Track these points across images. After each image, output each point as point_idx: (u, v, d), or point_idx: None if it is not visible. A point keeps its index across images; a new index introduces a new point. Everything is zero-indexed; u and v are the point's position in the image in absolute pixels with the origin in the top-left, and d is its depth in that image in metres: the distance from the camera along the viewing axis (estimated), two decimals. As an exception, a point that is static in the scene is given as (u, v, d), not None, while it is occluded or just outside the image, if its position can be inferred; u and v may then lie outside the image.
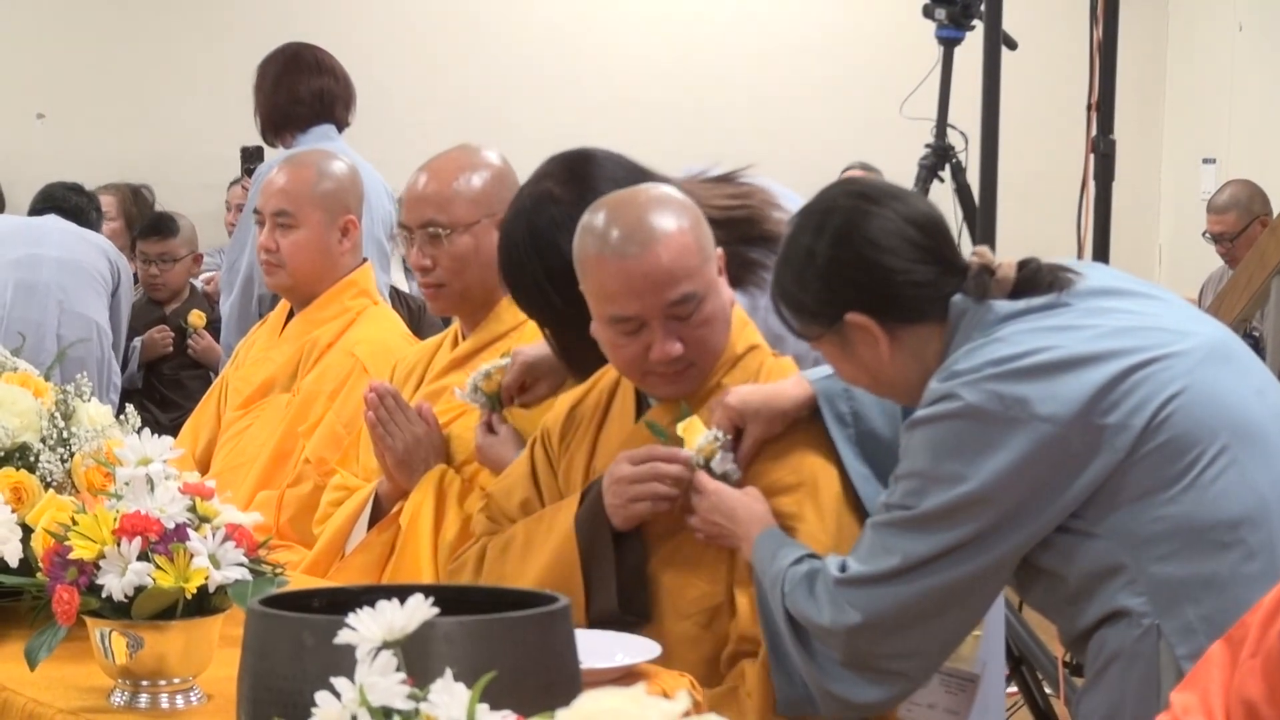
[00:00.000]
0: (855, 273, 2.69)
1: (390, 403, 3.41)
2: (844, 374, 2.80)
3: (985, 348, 2.64)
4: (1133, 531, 2.57)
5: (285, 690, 1.68)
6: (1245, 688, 1.96)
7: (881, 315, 2.69)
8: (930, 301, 2.70)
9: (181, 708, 2.32)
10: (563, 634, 1.78)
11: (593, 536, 2.86)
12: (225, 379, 4.21)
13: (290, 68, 5.68)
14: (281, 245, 3.98)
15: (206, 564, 2.28)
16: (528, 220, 3.12)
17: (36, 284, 6.36)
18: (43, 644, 2.36)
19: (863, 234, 2.70)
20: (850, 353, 2.73)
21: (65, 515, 2.41)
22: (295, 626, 1.73)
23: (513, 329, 3.54)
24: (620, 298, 2.82)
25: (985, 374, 2.60)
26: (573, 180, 3.14)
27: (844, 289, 2.70)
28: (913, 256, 2.70)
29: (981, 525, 2.59)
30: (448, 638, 1.62)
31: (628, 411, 3.02)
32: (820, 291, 2.71)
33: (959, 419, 2.60)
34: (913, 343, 2.71)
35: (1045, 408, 2.57)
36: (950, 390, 2.61)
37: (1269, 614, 1.98)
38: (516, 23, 8.89)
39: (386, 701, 1.40)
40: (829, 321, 2.71)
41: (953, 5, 5.39)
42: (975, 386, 2.59)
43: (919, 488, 2.62)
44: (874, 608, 2.63)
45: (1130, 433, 2.56)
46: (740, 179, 3.34)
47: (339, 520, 3.52)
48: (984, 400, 2.58)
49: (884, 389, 2.80)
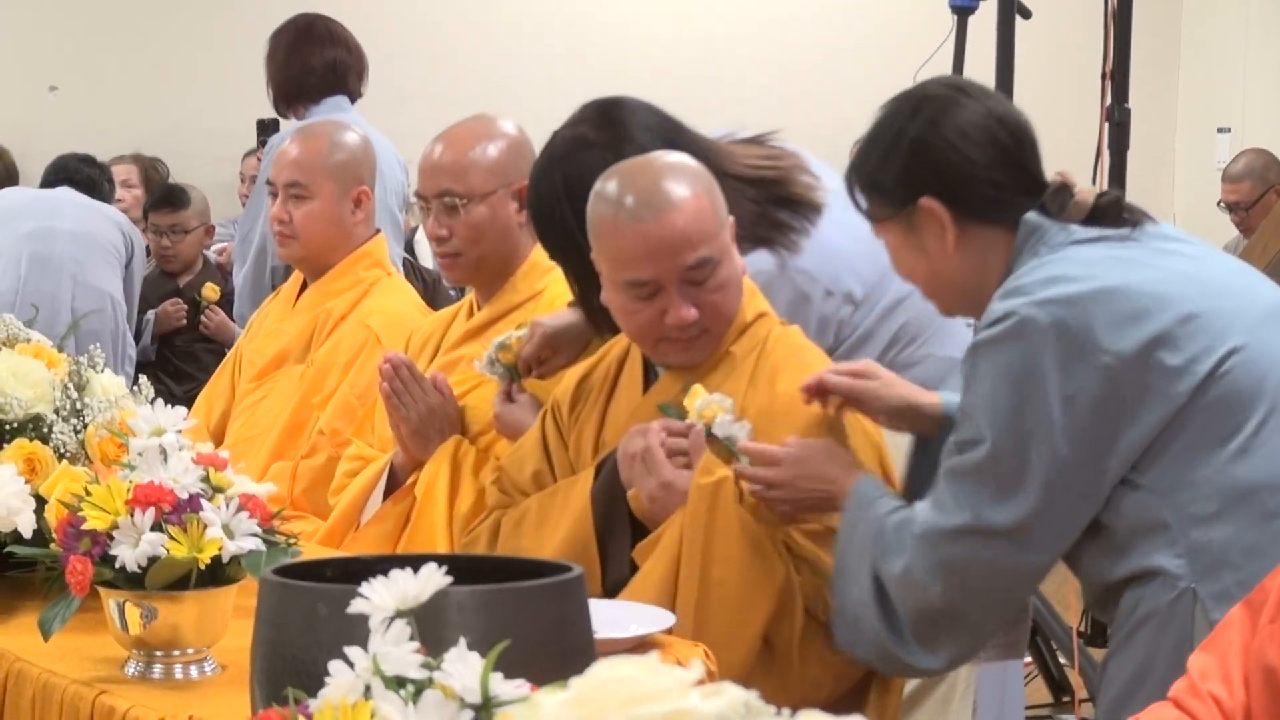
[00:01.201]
0: (939, 157, 2.70)
1: (405, 374, 3.41)
2: (901, 264, 2.80)
3: (1052, 265, 2.63)
4: (1178, 486, 2.54)
5: (299, 660, 1.68)
6: (1265, 653, 1.96)
7: (955, 205, 2.69)
8: (1005, 206, 2.70)
9: (195, 678, 2.32)
10: (577, 603, 1.78)
11: (609, 510, 2.87)
12: (239, 351, 4.22)
13: (302, 39, 5.67)
14: (294, 216, 3.98)
15: (220, 534, 2.28)
16: (561, 165, 3.12)
17: (50, 257, 6.37)
18: (56, 615, 2.36)
19: (954, 121, 2.71)
20: (915, 240, 2.74)
21: (79, 486, 2.41)
22: (309, 596, 1.73)
23: (529, 299, 3.55)
24: (637, 262, 2.83)
25: (1051, 294, 2.58)
26: (607, 125, 3.15)
27: (924, 172, 2.71)
28: (997, 156, 2.71)
29: (1048, 468, 2.56)
30: (461, 607, 1.62)
31: (635, 383, 3.02)
32: (901, 172, 2.72)
33: (1021, 341, 2.57)
34: (979, 243, 2.71)
35: (1108, 339, 2.54)
36: (1013, 309, 2.59)
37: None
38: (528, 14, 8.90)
39: (400, 671, 1.39)
40: (902, 203, 2.72)
41: (967, -26, 5.38)
42: (1041, 307, 2.57)
43: (987, 421, 2.59)
44: (944, 566, 2.61)
45: (1192, 379, 2.54)
46: (770, 142, 3.34)
47: (354, 491, 3.53)
48: (1048, 322, 2.56)
49: (938, 286, 2.79)
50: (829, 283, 3.29)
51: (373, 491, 3.51)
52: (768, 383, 2.88)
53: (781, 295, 3.18)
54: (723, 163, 3.21)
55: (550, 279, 3.58)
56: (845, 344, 3.28)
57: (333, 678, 1.41)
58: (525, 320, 3.45)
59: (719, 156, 3.22)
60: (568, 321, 3.29)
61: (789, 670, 2.76)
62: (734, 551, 2.74)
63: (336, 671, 1.41)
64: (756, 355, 2.92)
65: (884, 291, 3.33)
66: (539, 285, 3.57)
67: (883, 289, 3.32)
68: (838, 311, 3.29)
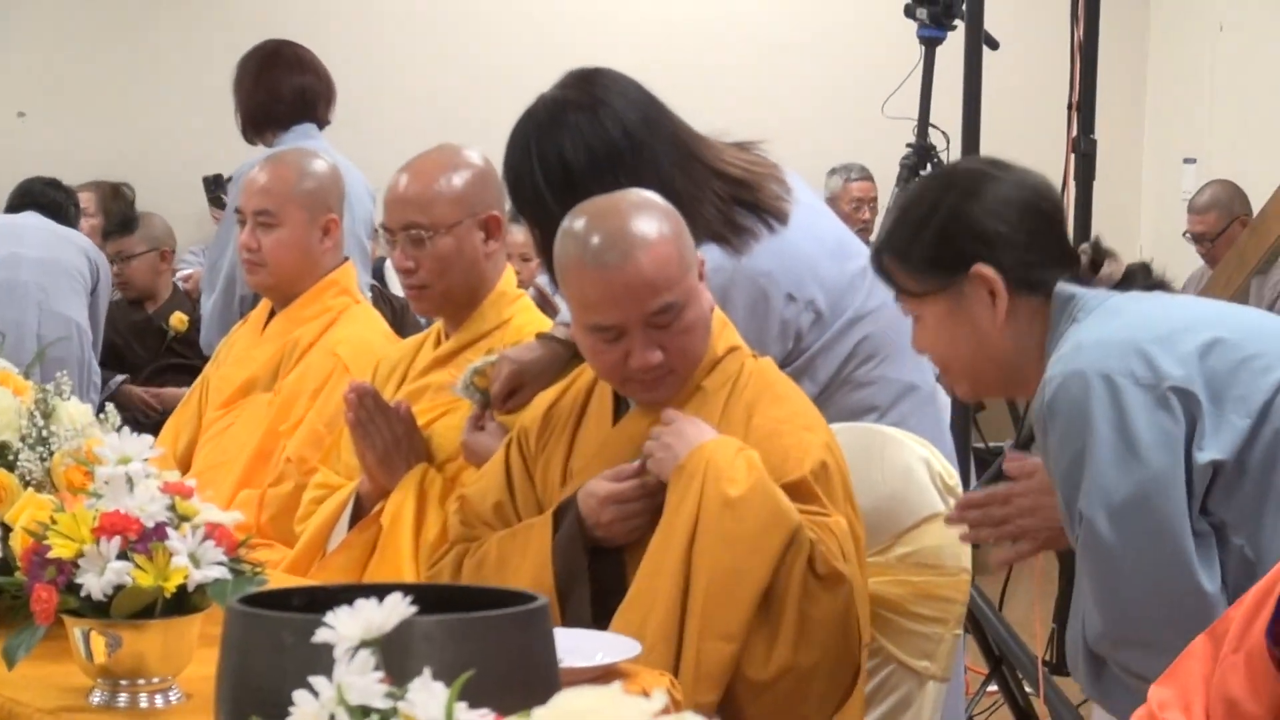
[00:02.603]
0: (985, 226, 2.67)
1: (370, 403, 3.41)
2: (939, 344, 2.75)
3: (1099, 320, 2.62)
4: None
5: (264, 689, 1.68)
6: (1227, 684, 1.96)
7: (1004, 273, 2.66)
8: (1047, 275, 2.68)
9: (161, 707, 2.32)
10: (541, 633, 1.78)
11: (569, 563, 2.86)
12: (206, 378, 4.21)
13: (270, 65, 5.66)
14: (263, 244, 3.98)
15: (186, 563, 2.28)
16: (537, 127, 3.14)
17: (16, 283, 6.36)
18: (21, 643, 2.35)
19: (993, 192, 2.70)
20: (962, 313, 2.68)
21: (44, 514, 2.41)
22: (274, 625, 1.73)
23: (496, 327, 3.56)
24: (600, 307, 2.81)
25: (1113, 342, 2.57)
26: (582, 85, 3.18)
27: (972, 240, 2.67)
28: (1039, 225, 2.70)
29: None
30: (426, 636, 1.62)
31: (605, 412, 3.01)
32: (947, 242, 2.68)
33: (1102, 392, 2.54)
34: (1024, 313, 2.68)
35: (1176, 371, 2.53)
36: (1076, 369, 2.56)
37: (1252, 609, 1.99)
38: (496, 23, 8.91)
39: (364, 700, 1.40)
40: (954, 272, 2.67)
41: (934, 5, 5.40)
42: (1105, 361, 2.55)
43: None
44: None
45: (1250, 409, 2.53)
46: (755, 150, 3.35)
47: (320, 519, 3.53)
48: (1117, 371, 2.54)
49: (982, 362, 2.73)
50: (792, 287, 3.28)
51: (339, 519, 3.50)
52: (743, 419, 2.87)
53: (740, 295, 3.18)
54: (700, 151, 3.23)
55: (517, 308, 3.59)
56: (804, 355, 3.29)
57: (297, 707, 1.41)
58: (493, 347, 3.46)
59: (697, 143, 3.24)
60: (534, 356, 3.29)
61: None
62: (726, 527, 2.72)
63: (301, 701, 1.41)
64: (729, 390, 2.91)
65: (847, 304, 3.33)
66: (506, 314, 3.57)
67: (846, 302, 3.33)
68: (798, 318, 3.29)
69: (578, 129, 3.09)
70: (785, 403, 2.91)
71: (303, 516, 3.61)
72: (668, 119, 3.22)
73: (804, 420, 2.91)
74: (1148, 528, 2.51)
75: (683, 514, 2.73)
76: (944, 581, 3.02)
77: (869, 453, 3.08)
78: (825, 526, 2.76)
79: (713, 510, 2.71)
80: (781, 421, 2.86)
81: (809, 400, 3.00)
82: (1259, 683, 1.93)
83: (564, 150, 3.09)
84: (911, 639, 3.02)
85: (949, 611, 3.01)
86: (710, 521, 2.71)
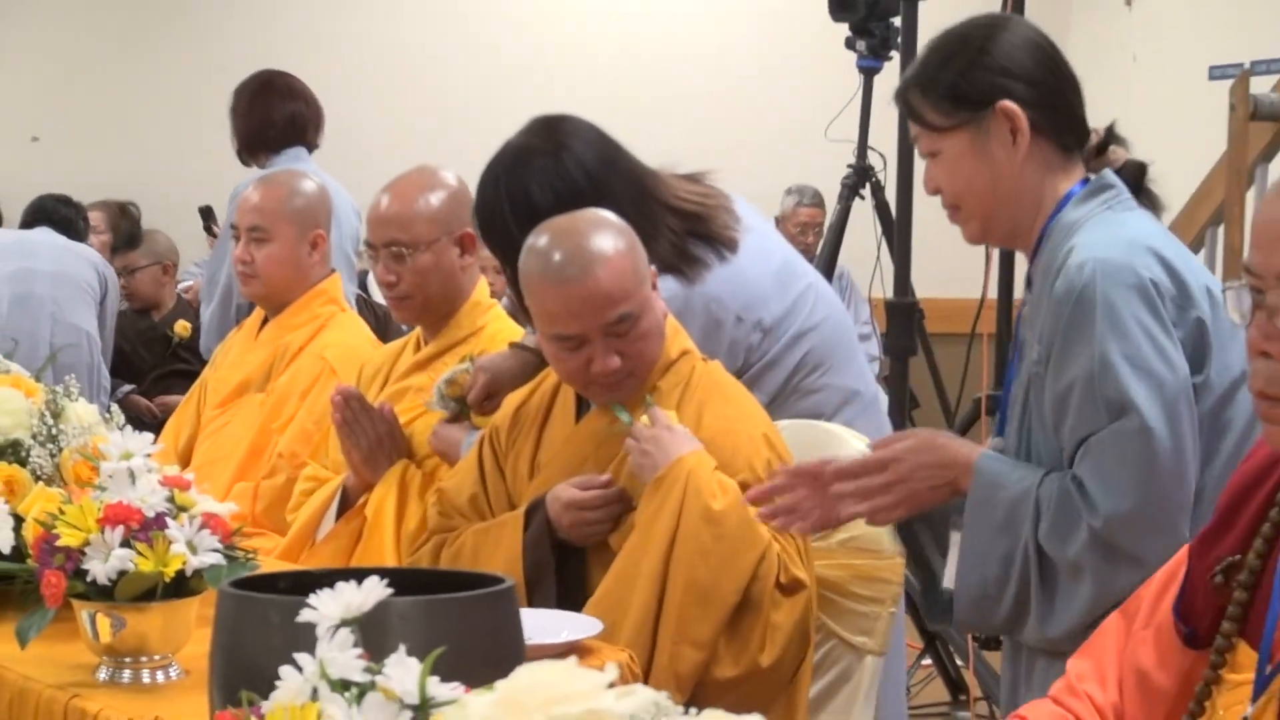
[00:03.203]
0: (1014, 61, 2.57)
1: (355, 404, 3.41)
2: (958, 177, 2.59)
3: (1139, 221, 2.57)
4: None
5: (253, 665, 1.67)
6: (1138, 656, 1.97)
7: (1029, 110, 2.56)
8: (1067, 124, 2.61)
9: (161, 682, 2.31)
10: (508, 613, 1.78)
11: (537, 558, 2.85)
12: (205, 380, 4.21)
13: (264, 93, 5.65)
14: (256, 257, 3.98)
15: (184, 550, 2.27)
16: (505, 171, 3.14)
17: (30, 296, 6.35)
18: (32, 625, 2.35)
19: (1020, 32, 2.62)
20: (982, 147, 2.56)
21: (54, 505, 2.40)
22: (262, 606, 1.73)
23: (471, 334, 3.56)
24: (562, 319, 2.81)
25: (1158, 255, 2.50)
26: (547, 132, 3.17)
27: (1001, 75, 2.56)
28: (1058, 72, 2.62)
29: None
30: (402, 616, 1.62)
31: (568, 411, 3.01)
32: (977, 74, 2.56)
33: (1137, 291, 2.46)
34: (1043, 157, 2.58)
35: (1202, 303, 2.49)
36: (1126, 261, 2.48)
37: (1160, 588, 2.00)
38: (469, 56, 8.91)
39: (344, 675, 1.39)
40: (977, 106, 2.55)
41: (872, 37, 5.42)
42: (1151, 267, 2.48)
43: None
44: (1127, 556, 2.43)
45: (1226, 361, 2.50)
46: (706, 180, 3.35)
47: (310, 510, 3.53)
48: (1160, 280, 2.48)
49: (996, 201, 2.60)
50: (740, 310, 3.28)
51: (327, 511, 3.50)
52: (694, 417, 2.85)
53: (695, 321, 3.18)
54: (654, 188, 3.22)
55: (490, 316, 3.60)
56: (753, 368, 3.28)
57: (283, 681, 1.41)
58: (468, 353, 3.46)
59: (652, 181, 3.23)
60: (507, 364, 3.30)
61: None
62: (700, 533, 2.71)
63: (286, 676, 1.41)
64: (681, 390, 2.90)
65: (791, 322, 3.33)
66: (480, 322, 3.58)
67: (790, 320, 3.33)
68: (748, 337, 3.29)
69: (543, 172, 3.09)
70: (733, 402, 2.91)
71: (293, 507, 3.60)
72: (625, 161, 3.21)
73: (751, 418, 2.91)
74: (1184, 424, 2.43)
75: (661, 522, 2.72)
76: (881, 565, 3.03)
77: (814, 448, 3.08)
78: (784, 532, 2.76)
79: (693, 522, 2.70)
80: (731, 420, 2.86)
81: (755, 400, 3.00)
82: (1166, 655, 1.94)
83: (531, 192, 3.08)
84: (851, 617, 3.02)
85: (885, 592, 3.02)
86: (690, 532, 2.70)
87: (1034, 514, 2.48)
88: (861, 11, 5.37)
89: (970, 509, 2.55)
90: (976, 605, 2.57)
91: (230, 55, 8.32)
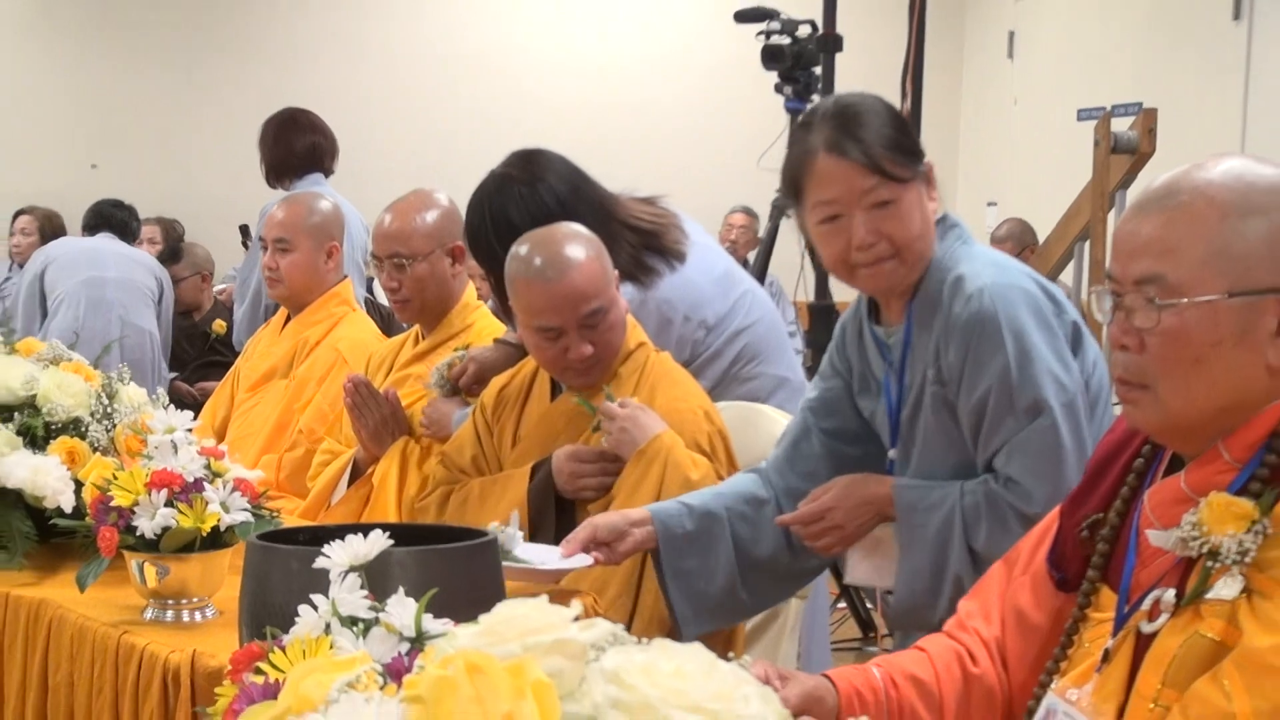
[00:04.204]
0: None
1: (363, 390, 3.40)
2: (912, 225, 2.45)
3: (988, 251, 2.53)
4: None
5: (276, 605, 1.67)
6: (1017, 598, 1.97)
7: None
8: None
9: (199, 621, 2.31)
10: (490, 561, 1.77)
11: (541, 505, 2.84)
12: (237, 369, 4.18)
13: (287, 128, 5.63)
14: (280, 265, 3.96)
15: (218, 509, 2.27)
16: (489, 198, 3.13)
17: (102, 301, 6.31)
18: (90, 572, 2.35)
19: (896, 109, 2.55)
20: (923, 196, 2.46)
21: (108, 472, 2.39)
22: (284, 556, 1.72)
23: (461, 330, 3.55)
24: (544, 313, 2.80)
25: (1016, 270, 2.47)
26: (524, 164, 3.16)
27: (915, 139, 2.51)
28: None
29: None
30: (400, 564, 1.62)
31: (544, 393, 3.01)
32: (912, 137, 2.49)
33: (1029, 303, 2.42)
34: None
35: (1068, 307, 2.46)
36: (1008, 281, 2.43)
37: (1037, 540, 2.00)
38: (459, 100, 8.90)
39: (353, 612, 1.39)
40: (919, 162, 2.46)
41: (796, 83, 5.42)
42: (1024, 281, 2.45)
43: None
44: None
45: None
46: (659, 203, 3.35)
47: (325, 478, 3.51)
48: (1036, 292, 2.44)
49: (924, 242, 2.48)
50: (688, 310, 3.27)
51: (340, 479, 3.48)
52: (648, 397, 2.85)
53: (649, 319, 3.17)
54: (615, 210, 3.21)
55: (478, 315, 3.59)
56: (699, 359, 3.28)
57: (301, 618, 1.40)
58: (459, 345, 3.45)
59: (613, 204, 3.22)
60: (494, 356, 3.30)
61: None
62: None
63: (304, 613, 1.41)
64: (638, 376, 2.90)
65: (731, 321, 3.33)
66: (469, 320, 3.57)
67: (730, 319, 3.32)
68: (694, 333, 3.28)
69: (521, 199, 3.07)
70: (680, 385, 2.91)
71: (312, 475, 3.59)
72: (590, 187, 3.20)
73: (694, 398, 2.91)
74: (1081, 415, 2.42)
75: (644, 491, 2.71)
76: (803, 526, 3.02)
77: (747, 424, 3.08)
78: None
79: (674, 489, 2.69)
80: (677, 399, 2.86)
81: (698, 384, 3.00)
82: (1041, 597, 1.94)
83: (510, 215, 3.06)
84: (779, 567, 3.01)
85: (807, 546, 3.02)
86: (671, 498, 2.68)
87: (961, 527, 2.44)
88: (788, 62, 5.37)
89: (901, 532, 2.51)
90: (911, 613, 2.53)
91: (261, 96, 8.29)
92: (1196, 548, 1.68)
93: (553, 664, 0.99)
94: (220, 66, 8.74)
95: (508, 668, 0.96)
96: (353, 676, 1.14)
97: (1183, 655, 1.67)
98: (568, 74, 9.02)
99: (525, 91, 8.91)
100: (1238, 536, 1.66)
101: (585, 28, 9.05)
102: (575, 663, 1.00)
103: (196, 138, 8.65)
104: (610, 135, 8.67)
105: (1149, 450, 1.87)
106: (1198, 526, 1.68)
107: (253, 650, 1.43)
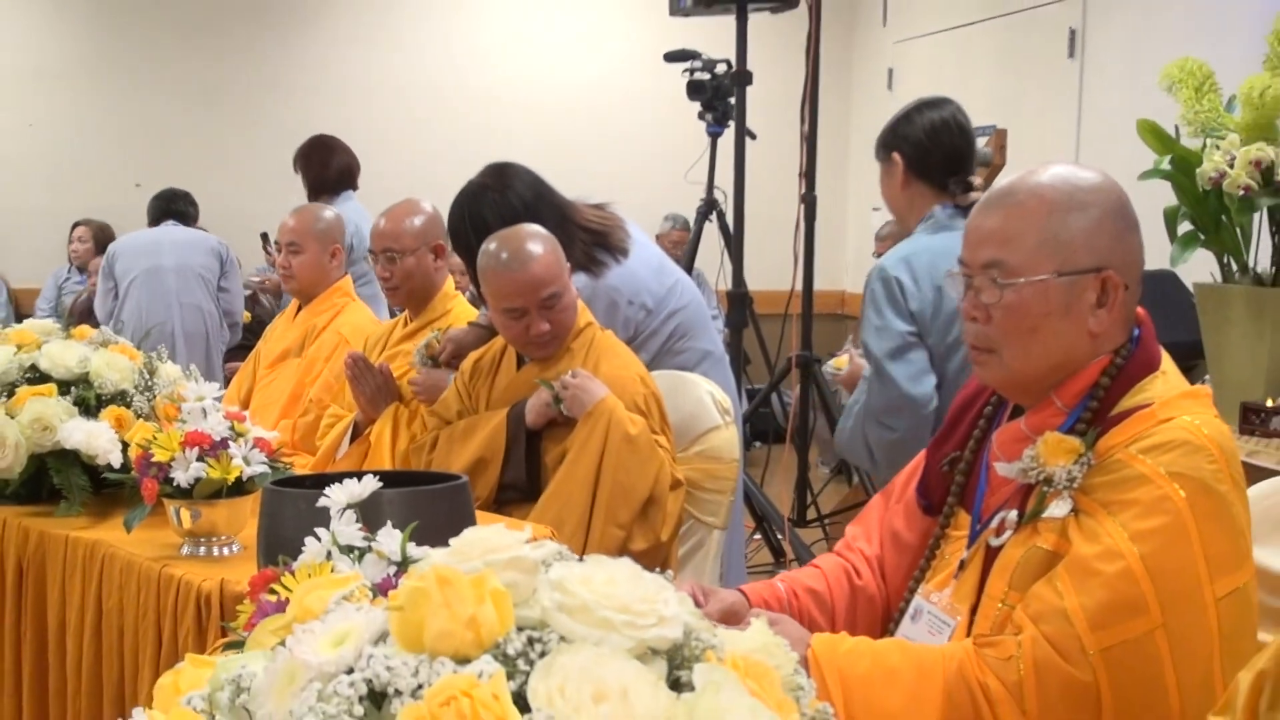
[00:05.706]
0: (917, 133, 3.00)
1: (361, 364, 3.39)
2: (884, 192, 3.04)
3: (915, 241, 2.94)
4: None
5: (287, 538, 1.66)
6: (893, 523, 1.98)
7: (910, 162, 2.96)
8: (941, 183, 2.97)
9: (226, 555, 2.30)
10: (463, 500, 1.78)
11: (516, 431, 2.85)
12: (258, 350, 4.16)
13: (323, 151, 5.68)
14: (292, 264, 3.93)
15: (241, 463, 2.26)
16: (467, 203, 3.14)
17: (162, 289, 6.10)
18: (135, 517, 2.34)
19: (928, 115, 3.02)
20: (889, 178, 3.01)
21: (149, 434, 2.38)
22: (293, 497, 1.72)
23: (442, 315, 3.54)
24: (509, 297, 2.81)
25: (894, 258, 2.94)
26: (496, 174, 3.18)
27: (896, 139, 3.02)
28: (943, 149, 2.98)
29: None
30: (389, 502, 1.62)
31: (511, 365, 3.01)
32: (890, 133, 3.02)
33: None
34: (920, 191, 2.97)
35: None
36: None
37: (908, 476, 2.01)
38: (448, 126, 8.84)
39: (350, 542, 1.39)
40: (888, 153, 3.00)
41: (716, 110, 5.42)
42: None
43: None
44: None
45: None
46: (607, 208, 3.36)
47: (332, 437, 3.50)
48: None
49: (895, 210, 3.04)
50: (630, 295, 3.28)
51: (344, 438, 3.47)
52: (594, 367, 2.86)
53: (599, 303, 3.18)
54: (571, 213, 3.21)
55: (456, 303, 3.58)
56: (640, 336, 3.29)
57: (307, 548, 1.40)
58: (441, 327, 3.44)
59: (569, 209, 3.22)
60: (468, 335, 3.29)
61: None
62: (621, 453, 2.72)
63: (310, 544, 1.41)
64: (586, 349, 2.90)
65: (666, 304, 3.34)
66: (449, 306, 3.56)
67: (666, 302, 3.33)
68: (636, 315, 3.30)
69: (494, 204, 3.08)
70: (620, 357, 2.91)
71: (320, 436, 3.57)
72: (551, 195, 3.21)
73: (632, 367, 2.91)
74: (895, 361, 2.87)
75: (592, 444, 2.73)
76: (722, 468, 3.04)
77: (676, 389, 3.09)
78: (665, 447, 2.78)
79: (616, 442, 2.71)
80: (618, 368, 2.87)
81: (636, 356, 3.00)
82: (911, 520, 1.96)
83: (485, 217, 3.06)
84: (703, 504, 3.03)
85: (726, 485, 3.03)
86: (614, 449, 2.71)
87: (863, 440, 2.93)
88: (708, 94, 5.37)
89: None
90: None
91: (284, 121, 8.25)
92: (1034, 476, 1.71)
93: (509, 576, 0.99)
94: (245, 100, 8.64)
95: (471, 579, 0.96)
96: (347, 591, 1.14)
97: (1024, 563, 1.69)
98: (539, 108, 9.00)
99: (510, 121, 8.89)
100: (1067, 467, 1.68)
101: (550, 75, 9.05)
102: (528, 575, 1.00)
103: (224, 160, 8.54)
104: (568, 154, 8.63)
105: (996, 400, 1.89)
106: (1035, 459, 1.71)
107: (267, 574, 1.43)
